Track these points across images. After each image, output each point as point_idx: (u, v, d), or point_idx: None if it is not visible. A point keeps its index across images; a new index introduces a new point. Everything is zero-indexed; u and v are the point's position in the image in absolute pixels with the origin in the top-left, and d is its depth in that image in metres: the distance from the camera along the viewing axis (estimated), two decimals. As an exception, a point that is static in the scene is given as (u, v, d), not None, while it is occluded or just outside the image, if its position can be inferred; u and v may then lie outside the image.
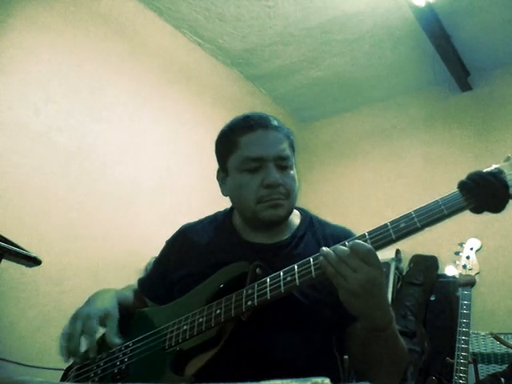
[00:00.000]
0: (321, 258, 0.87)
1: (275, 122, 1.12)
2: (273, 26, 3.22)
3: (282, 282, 0.90)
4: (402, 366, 1.03)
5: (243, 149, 1.08)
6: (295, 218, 1.18)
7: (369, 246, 0.85)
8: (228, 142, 1.12)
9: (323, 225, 1.17)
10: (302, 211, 1.21)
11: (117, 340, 1.04)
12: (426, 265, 3.19)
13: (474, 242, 2.02)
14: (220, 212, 1.27)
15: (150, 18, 3.13)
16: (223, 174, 1.16)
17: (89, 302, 1.12)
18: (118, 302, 1.14)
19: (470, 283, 1.94)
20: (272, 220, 1.08)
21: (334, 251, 0.86)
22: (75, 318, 1.06)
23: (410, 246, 3.28)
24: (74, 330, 1.03)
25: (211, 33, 3.32)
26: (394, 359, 0.97)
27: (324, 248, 0.88)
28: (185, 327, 0.98)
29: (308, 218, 1.18)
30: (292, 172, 1.11)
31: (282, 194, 1.07)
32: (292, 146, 1.14)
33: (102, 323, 1.06)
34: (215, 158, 1.19)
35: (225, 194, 1.17)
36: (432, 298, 3.03)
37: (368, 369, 1.00)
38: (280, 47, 3.43)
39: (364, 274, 0.83)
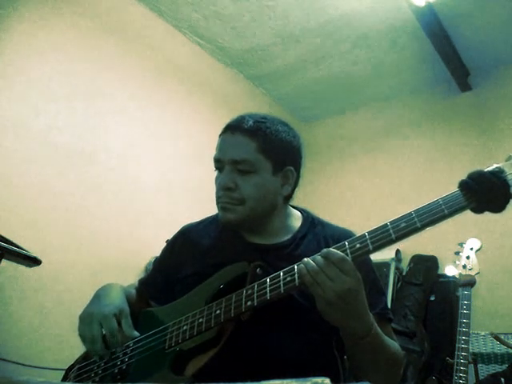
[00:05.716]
0: (301, 266, 0.87)
1: (248, 125, 1.08)
2: (273, 26, 3.22)
3: (281, 283, 0.90)
4: (395, 369, 1.02)
5: (215, 150, 1.14)
6: (296, 218, 1.18)
7: (342, 254, 0.85)
8: None
9: (324, 226, 1.17)
10: (304, 212, 1.21)
11: (135, 333, 1.05)
12: (426, 265, 3.19)
13: (473, 242, 2.02)
14: None
15: (150, 19, 3.13)
16: None
17: (98, 299, 1.12)
18: (125, 296, 1.15)
19: (470, 283, 1.94)
20: (224, 222, 1.10)
21: (313, 260, 0.86)
22: (90, 318, 1.05)
23: (410, 246, 3.28)
24: (94, 332, 1.02)
25: (211, 33, 3.31)
26: (382, 364, 0.96)
27: (305, 258, 0.88)
28: (185, 327, 0.98)
29: (309, 219, 1.18)
30: (257, 177, 1.06)
31: (234, 199, 1.06)
32: (269, 151, 1.07)
33: (117, 320, 1.06)
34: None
35: None
36: (432, 298, 3.03)
37: (361, 373, 1.00)
38: (280, 47, 3.43)
39: (340, 283, 0.83)
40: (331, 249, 0.87)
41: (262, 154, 1.07)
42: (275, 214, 1.13)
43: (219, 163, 1.11)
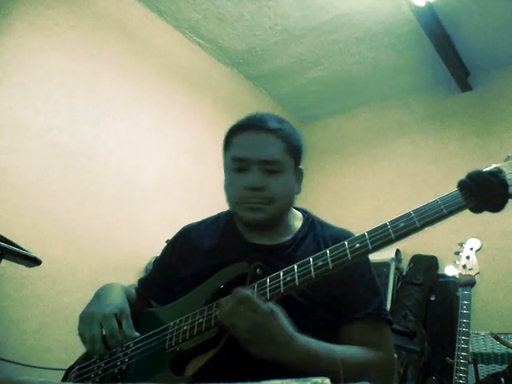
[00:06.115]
0: (217, 312, 0.91)
1: (273, 125, 1.10)
2: (273, 26, 3.22)
3: (281, 283, 0.90)
4: (369, 376, 0.96)
5: (233, 148, 1.11)
6: (297, 219, 1.19)
7: (244, 292, 0.87)
8: (225, 141, 1.16)
9: (324, 226, 1.18)
10: (304, 212, 1.22)
11: (135, 333, 1.05)
12: (426, 265, 3.19)
13: (473, 242, 2.02)
14: (223, 212, 1.27)
15: (150, 18, 3.13)
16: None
17: (99, 298, 1.12)
18: (126, 296, 1.15)
19: (470, 283, 1.94)
20: (249, 222, 1.09)
21: (227, 302, 0.89)
22: (91, 318, 1.04)
23: (410, 246, 3.28)
24: (94, 332, 1.02)
25: (211, 33, 3.31)
26: (351, 376, 0.95)
27: (222, 298, 0.92)
28: (185, 327, 0.98)
29: (310, 220, 1.19)
30: (284, 177, 1.09)
31: (264, 198, 1.06)
32: (292, 151, 1.11)
33: (117, 320, 1.05)
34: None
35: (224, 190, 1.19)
36: (432, 298, 3.03)
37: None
38: (280, 47, 3.43)
39: (249, 321, 0.85)
40: (238, 288, 0.89)
41: (287, 153, 1.09)
42: (286, 214, 1.15)
43: (244, 163, 1.08)
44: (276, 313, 0.87)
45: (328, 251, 0.89)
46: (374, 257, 0.99)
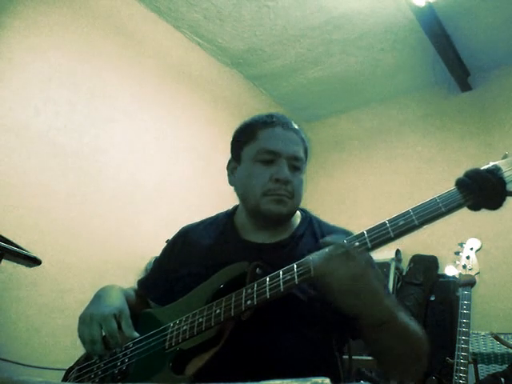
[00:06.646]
0: (310, 259, 0.89)
1: (295, 126, 1.18)
2: (273, 26, 3.22)
3: (281, 281, 0.91)
4: (421, 353, 0.99)
5: (261, 140, 1.12)
6: (296, 217, 1.19)
7: (343, 244, 0.87)
8: (247, 132, 1.16)
9: (322, 225, 1.19)
10: (303, 211, 1.22)
11: (135, 333, 1.05)
12: (426, 265, 3.18)
13: (473, 242, 2.02)
14: (221, 213, 1.28)
15: (150, 18, 3.13)
16: (234, 164, 1.19)
17: (98, 300, 1.12)
18: (125, 298, 1.15)
19: (470, 283, 1.94)
20: (273, 214, 1.09)
21: (323, 253, 0.88)
22: (90, 319, 1.05)
23: (410, 246, 3.28)
24: (94, 333, 1.02)
25: (211, 33, 3.31)
26: (410, 347, 0.96)
27: (317, 252, 0.89)
28: (185, 327, 0.98)
29: (308, 218, 1.19)
30: (301, 176, 1.14)
31: (289, 192, 1.09)
32: (306, 153, 1.17)
33: (117, 321, 1.06)
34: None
35: (231, 184, 1.20)
36: (432, 298, 3.02)
37: (387, 362, 1.00)
38: (280, 47, 3.43)
39: (349, 270, 0.83)
40: (334, 240, 0.89)
41: (304, 154, 1.16)
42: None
43: (273, 155, 1.10)
44: (371, 264, 0.87)
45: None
46: (375, 257, 0.99)
